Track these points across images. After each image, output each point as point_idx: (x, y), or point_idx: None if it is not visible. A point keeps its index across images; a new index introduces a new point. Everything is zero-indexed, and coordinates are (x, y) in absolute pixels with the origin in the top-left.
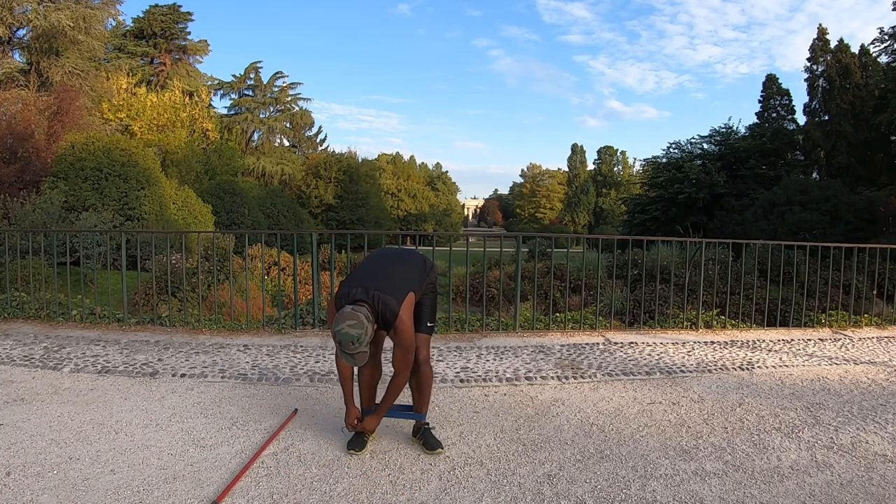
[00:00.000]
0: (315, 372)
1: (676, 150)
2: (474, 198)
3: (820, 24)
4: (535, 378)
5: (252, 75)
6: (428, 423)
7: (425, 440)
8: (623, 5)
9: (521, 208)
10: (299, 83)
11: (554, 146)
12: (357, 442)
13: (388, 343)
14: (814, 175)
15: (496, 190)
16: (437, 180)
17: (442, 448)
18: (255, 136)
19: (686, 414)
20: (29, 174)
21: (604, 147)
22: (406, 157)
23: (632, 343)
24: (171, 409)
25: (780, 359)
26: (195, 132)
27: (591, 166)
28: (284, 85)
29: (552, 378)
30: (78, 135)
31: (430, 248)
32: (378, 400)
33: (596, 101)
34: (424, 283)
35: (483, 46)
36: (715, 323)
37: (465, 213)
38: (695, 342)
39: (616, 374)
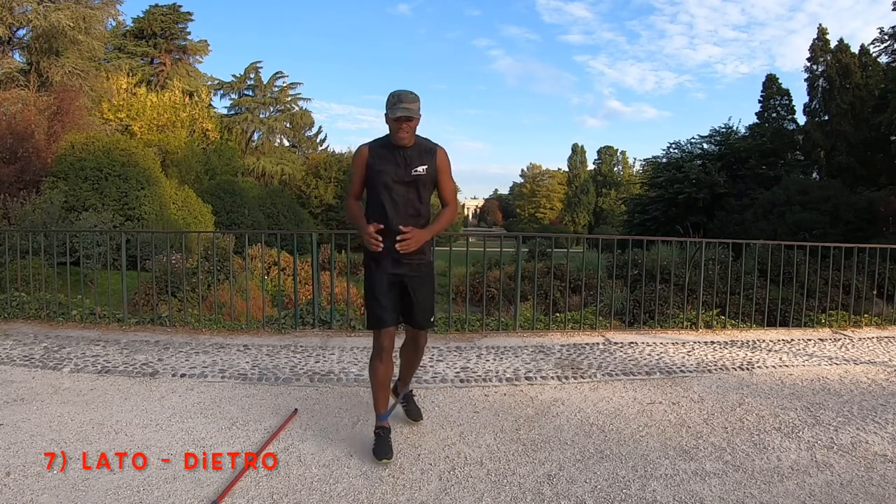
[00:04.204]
0: (315, 372)
1: (676, 150)
2: (474, 198)
3: (820, 24)
4: (535, 378)
5: (252, 75)
6: (411, 390)
7: (409, 408)
8: (623, 5)
9: (521, 208)
10: (299, 83)
11: (554, 146)
12: (385, 450)
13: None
14: (814, 175)
15: (496, 190)
16: None
17: (422, 418)
18: (255, 136)
19: (686, 414)
20: (29, 174)
21: (604, 147)
22: None
23: (632, 343)
24: (171, 409)
25: (780, 359)
26: (195, 132)
27: (591, 166)
28: (284, 85)
29: (552, 378)
30: (78, 135)
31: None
32: (390, 403)
33: (596, 101)
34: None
35: (483, 46)
36: (715, 323)
37: (465, 213)
38: (695, 342)
39: (616, 374)
